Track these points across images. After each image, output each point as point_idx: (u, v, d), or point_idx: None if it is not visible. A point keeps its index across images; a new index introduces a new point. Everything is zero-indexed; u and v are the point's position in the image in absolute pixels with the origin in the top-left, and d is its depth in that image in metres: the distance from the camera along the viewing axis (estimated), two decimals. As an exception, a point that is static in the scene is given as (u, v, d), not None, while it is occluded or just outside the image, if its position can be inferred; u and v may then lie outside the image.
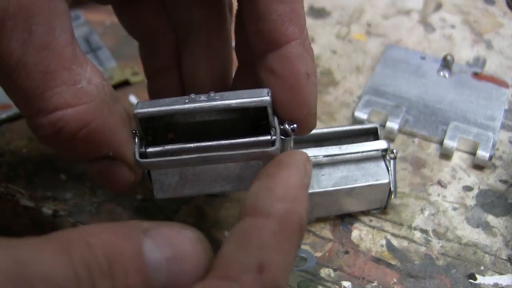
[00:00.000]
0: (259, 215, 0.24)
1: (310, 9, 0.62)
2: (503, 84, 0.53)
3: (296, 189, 0.25)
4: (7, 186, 0.44)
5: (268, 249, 0.22)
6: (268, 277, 0.22)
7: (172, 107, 0.28)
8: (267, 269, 0.22)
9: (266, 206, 0.24)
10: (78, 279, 0.19)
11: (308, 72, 0.30)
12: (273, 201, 0.24)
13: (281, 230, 0.23)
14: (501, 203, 0.44)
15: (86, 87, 0.26)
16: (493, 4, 0.63)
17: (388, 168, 0.41)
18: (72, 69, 0.26)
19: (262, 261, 0.22)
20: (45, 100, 0.25)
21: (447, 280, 0.39)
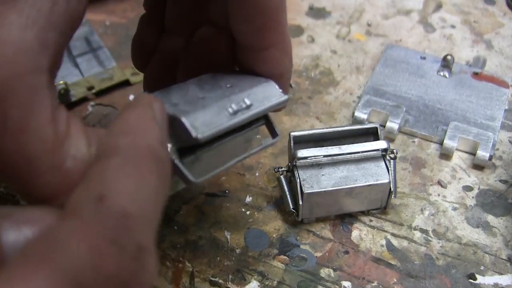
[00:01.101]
0: (105, 154, 0.23)
1: (310, 9, 0.62)
2: (503, 84, 0.53)
3: (139, 121, 0.24)
4: (7, 186, 0.44)
5: (109, 180, 0.21)
6: (110, 206, 0.20)
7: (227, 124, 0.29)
8: (109, 198, 0.20)
9: (110, 144, 0.23)
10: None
11: (282, 73, 0.32)
12: (114, 138, 0.23)
13: (125, 162, 0.22)
14: (501, 203, 0.44)
15: (73, 167, 0.24)
16: (493, 4, 0.63)
17: (388, 168, 0.41)
18: (55, 150, 0.23)
19: (102, 191, 0.20)
20: (33, 190, 0.23)
21: (447, 280, 0.39)
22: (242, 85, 0.32)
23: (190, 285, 0.39)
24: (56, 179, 0.23)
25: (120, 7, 0.60)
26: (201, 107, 0.29)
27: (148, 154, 0.23)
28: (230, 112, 0.29)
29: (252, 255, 0.40)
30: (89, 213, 0.20)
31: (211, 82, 0.32)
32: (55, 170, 0.23)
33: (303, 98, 0.52)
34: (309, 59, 0.56)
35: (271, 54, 0.32)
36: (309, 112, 0.51)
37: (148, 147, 0.23)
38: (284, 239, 0.41)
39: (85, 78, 0.51)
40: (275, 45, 0.31)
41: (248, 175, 0.45)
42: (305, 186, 0.40)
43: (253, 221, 0.42)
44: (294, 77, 0.54)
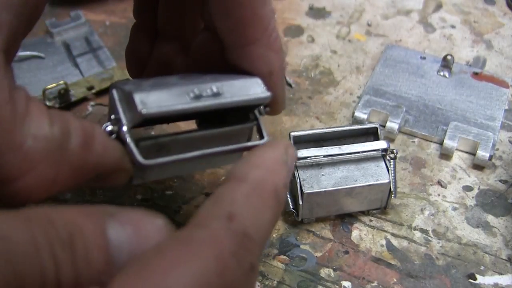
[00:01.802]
0: (234, 180, 0.25)
1: (310, 9, 0.62)
2: (503, 84, 0.53)
3: (273, 162, 0.27)
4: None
5: (239, 203, 0.24)
6: (237, 225, 0.23)
7: (180, 106, 0.28)
8: (237, 218, 0.23)
9: (242, 172, 0.26)
10: (37, 245, 0.19)
11: (271, 70, 0.31)
12: (248, 168, 0.26)
13: (253, 192, 0.25)
14: (501, 203, 0.44)
15: (33, 146, 0.23)
16: (493, 4, 0.63)
17: (388, 168, 0.41)
18: (14, 130, 0.23)
19: (232, 211, 0.23)
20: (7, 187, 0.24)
21: (447, 280, 0.39)
22: (222, 78, 0.30)
23: (190, 285, 0.39)
24: (18, 158, 0.23)
25: (120, 7, 0.60)
26: (163, 89, 0.28)
27: (272, 192, 0.26)
28: (191, 97, 0.28)
29: (252, 255, 0.40)
30: (219, 227, 0.23)
31: (195, 75, 0.31)
32: (16, 150, 0.23)
33: (303, 98, 0.52)
34: (309, 59, 0.56)
35: (255, 51, 0.31)
36: (309, 112, 0.51)
37: (274, 186, 0.26)
38: (284, 239, 0.41)
39: (85, 78, 0.51)
40: (258, 40, 0.30)
41: (248, 175, 0.45)
42: (305, 186, 0.40)
43: (253, 221, 0.42)
44: (294, 77, 0.54)
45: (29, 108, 0.24)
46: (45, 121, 0.24)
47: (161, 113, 0.27)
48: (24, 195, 0.24)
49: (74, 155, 0.25)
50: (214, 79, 0.30)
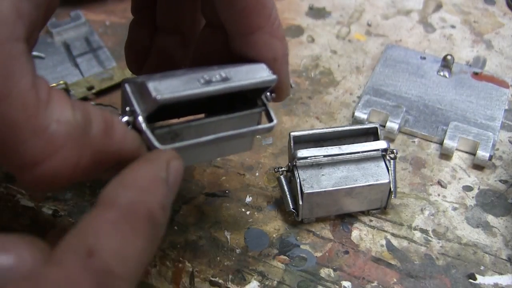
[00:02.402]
0: (101, 206, 0.24)
1: (310, 9, 0.62)
2: (503, 84, 0.53)
3: (148, 180, 0.25)
4: (7, 186, 0.44)
5: (101, 236, 0.22)
6: (97, 262, 0.21)
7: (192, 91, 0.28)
8: (97, 254, 0.21)
9: (111, 196, 0.24)
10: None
11: (275, 57, 0.32)
12: (119, 190, 0.24)
13: (122, 219, 0.23)
14: (501, 203, 0.44)
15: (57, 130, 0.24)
16: (493, 4, 0.63)
17: (388, 168, 0.41)
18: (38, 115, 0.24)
19: (92, 246, 0.21)
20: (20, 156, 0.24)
21: (447, 280, 0.39)
22: (229, 66, 0.31)
23: (190, 285, 0.39)
24: (42, 142, 0.23)
25: (120, 7, 0.60)
26: (173, 78, 0.28)
27: (146, 216, 0.23)
28: (201, 82, 0.29)
29: (252, 255, 0.40)
30: (76, 266, 0.21)
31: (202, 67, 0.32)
32: (40, 134, 0.23)
33: (303, 98, 0.52)
34: (309, 59, 0.56)
35: (259, 38, 0.31)
36: (309, 112, 0.51)
37: (148, 209, 0.24)
38: (284, 239, 0.41)
39: (85, 78, 0.51)
40: (261, 28, 0.31)
41: (248, 175, 0.45)
42: (305, 186, 0.40)
43: (253, 221, 0.42)
44: (294, 77, 0.54)
45: (51, 94, 0.24)
46: (68, 107, 0.25)
47: (175, 98, 0.28)
48: (47, 179, 0.24)
49: (96, 141, 0.25)
50: (221, 67, 0.31)
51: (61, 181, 0.25)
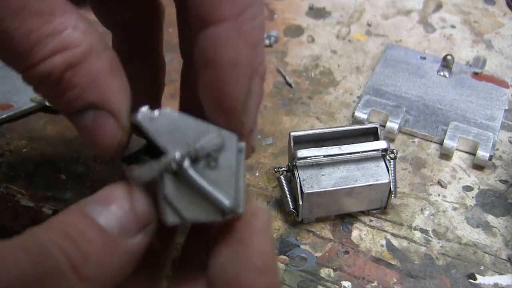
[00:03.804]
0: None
1: (310, 9, 0.62)
2: (503, 84, 0.53)
3: (272, 258, 0.25)
4: (7, 186, 0.44)
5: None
6: None
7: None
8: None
9: (250, 279, 0.24)
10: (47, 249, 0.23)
11: (236, 61, 0.26)
12: (256, 274, 0.24)
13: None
14: (501, 203, 0.44)
15: (72, 34, 0.26)
16: (493, 4, 0.63)
17: (388, 168, 0.41)
18: (55, 19, 0.25)
19: None
20: (34, 55, 0.25)
21: (447, 280, 0.39)
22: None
23: (190, 285, 0.39)
24: (56, 42, 0.25)
25: (120, 7, 0.60)
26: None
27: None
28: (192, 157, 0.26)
29: (252, 255, 0.40)
30: None
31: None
32: (55, 36, 0.25)
33: (303, 98, 0.52)
34: (309, 59, 0.56)
35: (221, 33, 0.26)
36: (309, 112, 0.51)
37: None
38: (284, 239, 0.41)
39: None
40: (226, 21, 0.25)
41: (248, 175, 0.45)
42: (305, 186, 0.40)
43: (253, 221, 0.42)
44: (294, 77, 0.54)
45: (67, 6, 0.26)
46: (83, 19, 0.27)
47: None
48: (48, 71, 0.26)
49: (107, 57, 0.27)
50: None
51: (53, 82, 0.26)
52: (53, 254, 0.23)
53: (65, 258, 0.23)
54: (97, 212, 0.25)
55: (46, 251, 0.23)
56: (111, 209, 0.25)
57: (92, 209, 0.25)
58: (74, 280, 0.23)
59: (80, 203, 0.25)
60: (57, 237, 0.23)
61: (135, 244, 0.25)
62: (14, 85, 0.51)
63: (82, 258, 0.23)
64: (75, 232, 0.24)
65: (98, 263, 0.24)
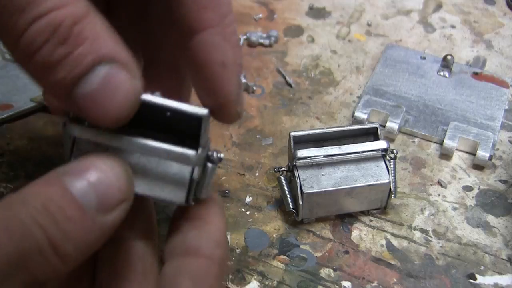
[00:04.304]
0: (203, 258, 0.28)
1: (310, 9, 0.62)
2: (503, 84, 0.53)
3: (225, 235, 0.30)
4: (7, 186, 0.44)
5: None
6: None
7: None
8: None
9: (209, 250, 0.28)
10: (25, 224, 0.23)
11: (225, 61, 0.29)
12: (214, 246, 0.29)
13: (220, 272, 0.28)
14: (501, 203, 0.44)
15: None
16: (493, 4, 0.63)
17: (388, 168, 0.41)
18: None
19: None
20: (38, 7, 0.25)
21: (447, 280, 0.39)
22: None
23: (190, 285, 0.39)
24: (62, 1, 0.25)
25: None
26: None
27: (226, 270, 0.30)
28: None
29: (252, 255, 0.40)
30: None
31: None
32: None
33: (303, 98, 0.52)
34: (309, 59, 0.56)
35: (209, 37, 0.29)
36: (309, 112, 0.51)
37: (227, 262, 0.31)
38: (284, 239, 0.41)
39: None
40: (213, 26, 0.29)
41: (248, 175, 0.45)
42: (305, 186, 0.40)
43: (253, 221, 0.42)
44: (294, 77, 0.54)
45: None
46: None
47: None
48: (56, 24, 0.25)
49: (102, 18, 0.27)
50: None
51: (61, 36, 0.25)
52: (34, 234, 0.23)
53: (45, 237, 0.23)
54: (76, 187, 0.24)
55: (27, 232, 0.23)
56: (90, 184, 0.25)
57: (71, 183, 0.24)
58: (52, 258, 0.23)
59: (59, 171, 0.25)
60: (38, 215, 0.23)
61: (110, 220, 0.25)
62: (14, 85, 0.51)
63: (62, 236, 0.23)
64: (55, 208, 0.23)
65: (76, 241, 0.24)
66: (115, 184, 0.25)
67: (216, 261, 0.28)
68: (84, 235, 0.24)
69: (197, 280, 0.28)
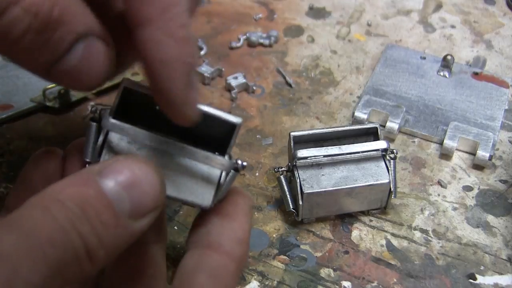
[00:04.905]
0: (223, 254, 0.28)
1: (310, 9, 0.62)
2: (503, 84, 0.53)
3: (248, 235, 0.30)
4: (7, 186, 0.44)
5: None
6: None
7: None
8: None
9: (230, 247, 0.29)
10: (65, 231, 0.22)
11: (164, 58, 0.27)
12: (235, 243, 0.29)
13: (237, 270, 0.29)
14: (501, 203, 0.44)
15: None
16: (493, 4, 0.63)
17: (388, 168, 0.41)
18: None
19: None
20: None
21: (447, 280, 0.39)
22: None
23: (190, 285, 0.39)
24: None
25: (120, 7, 0.60)
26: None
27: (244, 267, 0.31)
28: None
29: (252, 255, 0.40)
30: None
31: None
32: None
33: (303, 98, 0.52)
34: (309, 59, 0.56)
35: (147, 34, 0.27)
36: (309, 112, 0.51)
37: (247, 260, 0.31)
38: (284, 239, 0.41)
39: (85, 78, 0.51)
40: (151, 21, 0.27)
41: (248, 175, 0.45)
42: (305, 186, 0.40)
43: (253, 221, 0.42)
44: (294, 77, 0.54)
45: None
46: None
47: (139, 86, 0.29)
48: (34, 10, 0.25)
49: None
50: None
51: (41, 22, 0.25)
52: (73, 241, 0.22)
53: (82, 244, 0.23)
54: (112, 190, 0.24)
55: (68, 239, 0.22)
56: (125, 189, 0.24)
57: (107, 185, 0.24)
58: (85, 264, 0.23)
59: (94, 170, 0.25)
60: (76, 220, 0.23)
61: (140, 226, 0.25)
62: (14, 85, 0.51)
63: (97, 242, 0.23)
64: (92, 213, 0.23)
65: (108, 246, 0.24)
66: (149, 192, 0.25)
67: (236, 259, 0.29)
68: (115, 240, 0.24)
69: (214, 276, 0.28)
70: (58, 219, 0.22)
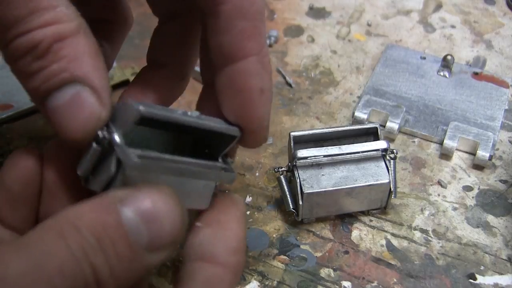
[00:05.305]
0: (217, 265, 0.28)
1: (310, 9, 0.62)
2: (503, 84, 0.53)
3: (244, 242, 0.29)
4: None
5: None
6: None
7: (172, 114, 0.29)
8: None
9: (223, 257, 0.28)
10: (76, 259, 0.22)
11: (263, 88, 0.31)
12: (229, 253, 0.28)
13: (234, 279, 0.28)
14: (501, 203, 0.44)
15: (65, 10, 0.27)
16: (493, 4, 0.63)
17: (388, 168, 0.41)
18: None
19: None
20: (26, 24, 0.26)
21: (447, 280, 0.39)
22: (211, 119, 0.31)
23: (190, 285, 0.39)
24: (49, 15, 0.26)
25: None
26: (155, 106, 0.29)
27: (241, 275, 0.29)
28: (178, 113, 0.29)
29: (252, 255, 0.40)
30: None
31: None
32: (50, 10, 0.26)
33: (303, 98, 0.52)
34: (309, 59, 0.56)
35: (251, 65, 0.30)
36: (309, 112, 0.51)
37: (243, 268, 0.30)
38: (284, 239, 0.41)
39: (85, 78, 0.51)
40: (254, 55, 0.30)
41: (248, 175, 0.45)
42: (305, 186, 0.40)
43: (253, 221, 0.42)
44: (294, 77, 0.54)
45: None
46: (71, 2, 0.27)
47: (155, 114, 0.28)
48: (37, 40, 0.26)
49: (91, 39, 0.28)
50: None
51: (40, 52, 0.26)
52: (84, 272, 0.22)
53: (93, 275, 0.22)
54: (132, 222, 0.24)
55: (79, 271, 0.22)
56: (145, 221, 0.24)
57: (127, 216, 0.24)
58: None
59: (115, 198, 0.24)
60: (90, 250, 0.22)
61: (156, 260, 0.25)
62: (14, 85, 0.51)
63: (108, 273, 0.23)
64: (108, 243, 0.23)
65: (120, 278, 0.23)
66: (168, 226, 0.25)
67: (231, 268, 0.28)
68: (128, 273, 0.24)
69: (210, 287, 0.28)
70: (72, 248, 0.22)
